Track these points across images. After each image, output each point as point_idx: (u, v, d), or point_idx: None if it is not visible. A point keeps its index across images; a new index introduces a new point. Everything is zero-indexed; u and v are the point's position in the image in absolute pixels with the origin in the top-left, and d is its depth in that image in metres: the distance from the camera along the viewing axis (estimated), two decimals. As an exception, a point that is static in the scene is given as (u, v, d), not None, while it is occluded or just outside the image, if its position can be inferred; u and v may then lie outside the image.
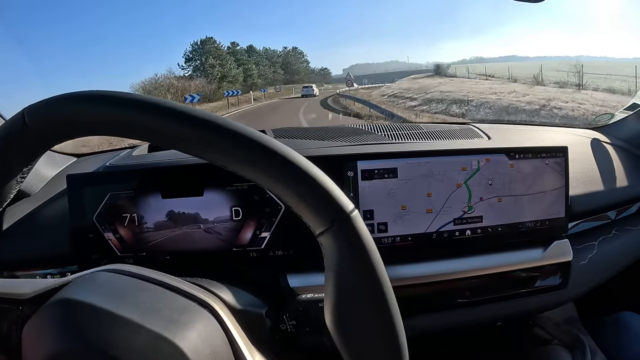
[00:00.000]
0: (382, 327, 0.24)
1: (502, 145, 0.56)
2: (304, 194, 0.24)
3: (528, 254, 0.60)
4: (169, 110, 0.24)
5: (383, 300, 0.24)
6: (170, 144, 0.25)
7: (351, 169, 0.51)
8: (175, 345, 0.24)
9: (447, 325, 0.59)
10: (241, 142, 0.24)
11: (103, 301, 0.25)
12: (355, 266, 0.24)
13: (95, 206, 0.52)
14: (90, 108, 0.25)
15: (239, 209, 0.50)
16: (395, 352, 0.25)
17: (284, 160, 0.24)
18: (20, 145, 0.26)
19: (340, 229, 0.24)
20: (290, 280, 0.50)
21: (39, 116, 0.25)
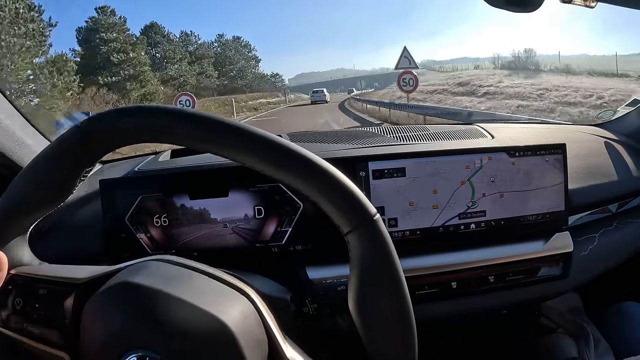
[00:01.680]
0: (397, 309, 0.29)
1: (503, 144, 0.60)
2: (337, 200, 0.29)
3: (530, 245, 0.63)
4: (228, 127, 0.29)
5: (398, 288, 0.29)
6: (229, 155, 0.30)
7: (363, 169, 0.55)
8: (222, 321, 0.28)
9: (453, 312, 0.63)
10: (292, 157, 0.29)
11: (158, 283, 0.29)
12: (377, 260, 0.29)
13: (127, 208, 0.57)
14: (158, 121, 0.30)
15: (261, 207, 0.55)
16: (407, 330, 0.29)
17: (322, 172, 0.29)
18: (88, 148, 0.31)
19: (365, 230, 0.29)
20: (309, 273, 0.55)
21: (105, 125, 0.30)
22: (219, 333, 0.28)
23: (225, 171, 0.56)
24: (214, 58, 25.86)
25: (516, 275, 0.63)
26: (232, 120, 0.30)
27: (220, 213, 0.55)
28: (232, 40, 27.81)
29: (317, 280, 0.55)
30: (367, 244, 0.29)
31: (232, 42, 27.73)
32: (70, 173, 0.32)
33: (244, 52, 28.19)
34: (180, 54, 22.87)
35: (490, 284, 0.62)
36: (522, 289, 0.64)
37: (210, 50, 25.77)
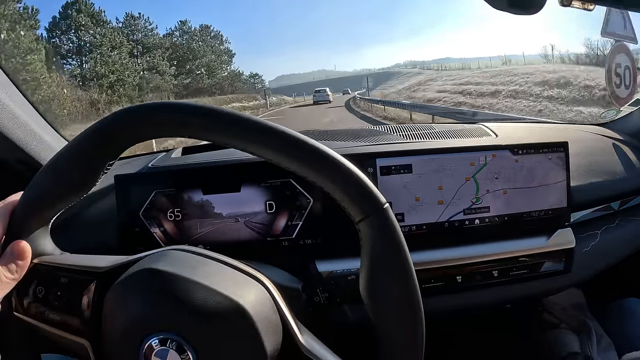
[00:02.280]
0: (406, 297, 0.31)
1: (507, 142, 0.62)
2: (349, 189, 0.31)
3: (533, 241, 0.65)
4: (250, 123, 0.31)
5: (408, 276, 0.31)
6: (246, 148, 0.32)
7: (371, 166, 0.57)
8: (240, 304, 0.29)
9: (458, 306, 0.64)
10: (305, 149, 0.31)
11: (178, 269, 0.30)
12: (387, 248, 0.31)
13: (141, 203, 0.59)
14: (173, 115, 0.31)
15: (272, 202, 0.57)
16: (416, 317, 0.31)
17: (334, 163, 0.31)
18: (112, 141, 0.32)
19: (376, 218, 0.30)
20: (318, 266, 0.57)
21: (131, 119, 0.32)
22: (238, 316, 0.29)
23: (238, 167, 0.58)
24: (171, 50, 19.68)
25: (520, 270, 0.64)
26: (245, 114, 0.32)
27: (232, 208, 0.57)
28: (199, 29, 21.49)
29: (326, 273, 0.56)
30: (378, 232, 0.30)
31: (199, 31, 21.38)
32: (92, 168, 0.33)
33: (213, 44, 21.91)
34: (113, 40, 16.45)
35: (494, 279, 0.63)
36: (525, 283, 0.65)
37: (166, 39, 19.21)
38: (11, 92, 0.55)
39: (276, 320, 0.31)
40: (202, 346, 0.28)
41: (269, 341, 0.29)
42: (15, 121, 0.55)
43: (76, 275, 0.31)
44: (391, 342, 0.31)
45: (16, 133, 0.55)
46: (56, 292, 0.31)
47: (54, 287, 0.31)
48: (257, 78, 27.28)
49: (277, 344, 0.30)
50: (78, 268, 0.32)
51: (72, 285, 0.31)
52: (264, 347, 0.29)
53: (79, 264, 0.32)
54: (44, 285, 0.31)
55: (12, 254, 0.30)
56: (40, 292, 0.31)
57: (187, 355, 0.28)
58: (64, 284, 0.31)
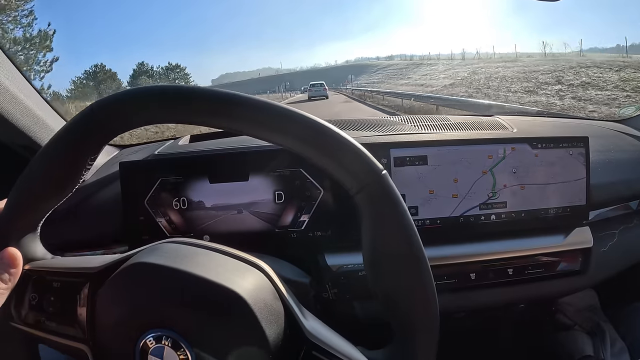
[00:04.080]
0: (415, 266, 0.28)
1: (526, 135, 0.59)
2: (342, 160, 0.28)
3: (550, 239, 0.62)
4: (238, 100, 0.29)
5: (414, 245, 0.28)
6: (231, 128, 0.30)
7: (385, 156, 0.55)
8: (234, 292, 0.27)
9: (471, 305, 0.62)
10: (293, 120, 0.29)
11: (169, 262, 0.29)
12: (389, 216, 0.28)
13: (146, 191, 0.57)
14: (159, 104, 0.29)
15: (281, 192, 0.55)
16: (427, 287, 0.29)
17: (324, 133, 0.29)
18: (89, 135, 0.30)
19: (374, 187, 0.28)
20: (328, 259, 0.55)
21: (106, 110, 0.29)
22: (232, 304, 0.27)
23: (246, 155, 0.55)
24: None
25: (535, 269, 0.62)
26: (230, 91, 0.30)
27: (239, 197, 0.55)
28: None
29: (336, 267, 0.54)
30: (377, 201, 0.28)
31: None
32: (72, 167, 0.31)
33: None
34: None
35: (509, 277, 0.61)
36: (540, 283, 0.63)
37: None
38: (13, 75, 0.53)
39: (277, 307, 0.29)
40: (198, 340, 0.27)
41: (270, 328, 0.27)
42: (18, 106, 0.53)
43: (68, 278, 0.30)
44: (403, 322, 0.29)
45: (19, 118, 0.53)
46: (49, 297, 0.30)
47: (47, 293, 0.30)
48: (179, 71, 28.84)
49: (279, 331, 0.28)
50: (70, 271, 0.30)
51: (65, 290, 0.30)
52: (265, 335, 0.27)
53: (71, 266, 0.31)
54: (37, 292, 0.30)
55: (3, 262, 0.29)
56: (34, 299, 0.30)
57: (184, 351, 0.26)
58: (56, 288, 0.30)
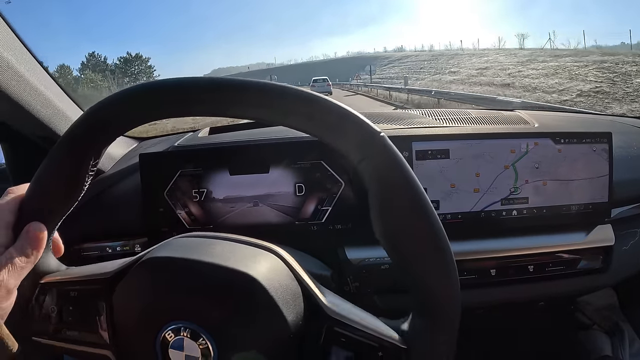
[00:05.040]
0: (429, 230, 0.27)
1: (548, 129, 0.58)
2: (340, 129, 0.28)
3: (571, 236, 0.61)
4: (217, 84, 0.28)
5: (425, 208, 0.27)
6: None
7: (406, 149, 0.54)
8: (248, 274, 0.27)
9: (491, 301, 0.61)
10: (285, 96, 0.28)
11: (179, 253, 0.28)
12: (395, 180, 0.27)
13: (166, 183, 0.57)
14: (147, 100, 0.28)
15: (302, 185, 0.54)
16: (444, 252, 0.28)
17: (318, 103, 0.27)
18: (87, 141, 0.29)
19: (377, 153, 0.27)
20: (348, 253, 0.54)
21: (100, 113, 0.29)
22: (249, 288, 0.26)
23: (266, 147, 0.55)
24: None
25: (556, 267, 0.61)
26: (217, 77, 0.29)
27: (260, 189, 0.55)
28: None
29: (356, 261, 0.54)
30: (381, 166, 0.27)
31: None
32: (74, 179, 0.30)
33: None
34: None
35: (529, 274, 0.60)
36: (561, 280, 0.62)
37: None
38: (33, 67, 0.53)
39: (294, 288, 0.29)
40: (216, 327, 0.26)
41: (288, 309, 0.27)
42: (39, 97, 0.53)
43: (85, 286, 0.30)
44: (422, 290, 0.28)
45: (39, 110, 0.54)
46: (68, 307, 0.30)
47: (66, 303, 0.30)
48: (140, 64, 26.74)
49: (299, 312, 0.28)
50: (85, 279, 0.30)
51: (83, 298, 0.30)
52: (284, 316, 0.27)
53: (86, 274, 0.31)
54: (55, 304, 0.30)
55: (29, 235, 0.28)
56: (53, 311, 0.30)
57: (203, 340, 0.26)
58: (74, 297, 0.30)
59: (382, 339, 0.28)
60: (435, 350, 0.28)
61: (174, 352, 0.26)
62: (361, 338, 0.28)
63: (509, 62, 13.78)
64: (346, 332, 0.28)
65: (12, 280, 0.27)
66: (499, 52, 17.69)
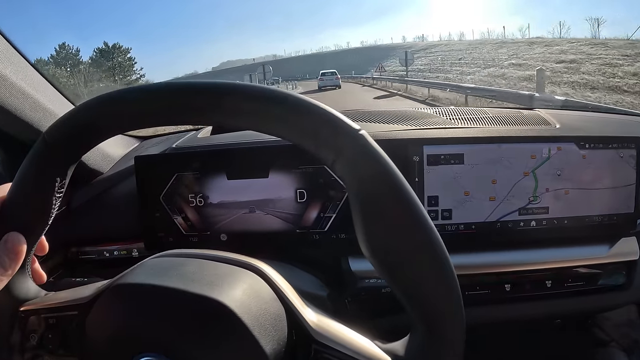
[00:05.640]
0: (421, 234, 0.23)
1: (572, 133, 0.54)
2: (314, 131, 0.24)
3: (593, 249, 0.57)
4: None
5: (415, 210, 0.23)
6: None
7: (417, 154, 0.50)
8: (220, 302, 0.24)
9: (504, 318, 0.57)
10: (240, 96, 0.24)
11: (148, 279, 0.26)
12: (375, 177, 0.23)
13: (162, 186, 0.54)
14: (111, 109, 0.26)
15: (303, 191, 0.51)
16: (441, 262, 0.23)
17: (292, 105, 0.24)
18: (48, 163, 0.27)
19: (352, 150, 0.23)
20: (351, 264, 0.51)
21: (58, 133, 0.27)
22: (216, 314, 0.24)
23: (267, 150, 0.52)
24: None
25: (575, 282, 0.57)
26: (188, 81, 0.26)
27: (259, 195, 0.52)
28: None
29: (360, 273, 0.51)
30: (359, 164, 0.23)
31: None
32: (44, 190, 0.28)
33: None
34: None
35: (546, 290, 0.56)
36: (580, 297, 0.58)
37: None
38: (21, 68, 0.50)
39: (275, 310, 0.26)
40: (186, 359, 0.24)
41: (266, 337, 0.24)
42: (27, 101, 0.50)
43: (62, 312, 0.29)
44: (419, 309, 0.24)
45: (28, 114, 0.51)
46: (48, 335, 0.29)
47: (45, 330, 0.29)
48: (119, 55, 24.59)
49: (280, 338, 0.25)
50: (63, 305, 0.29)
51: (60, 324, 0.29)
52: (260, 345, 0.24)
53: (64, 300, 0.30)
54: (35, 332, 0.29)
55: (6, 246, 0.27)
56: (34, 339, 0.29)
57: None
58: (53, 324, 0.29)
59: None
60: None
61: None
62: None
63: (608, 55, 10.77)
64: (334, 359, 0.25)
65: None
66: (583, 42, 13.76)
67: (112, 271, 0.58)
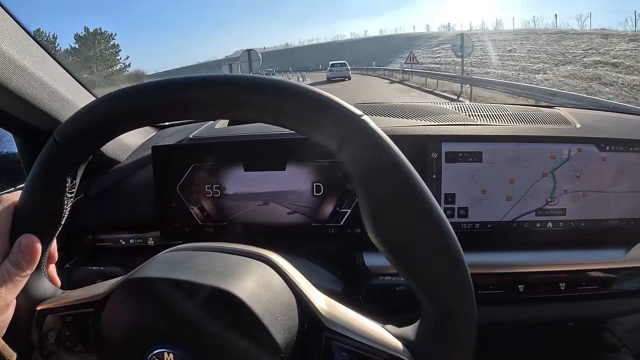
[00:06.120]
0: (429, 221, 0.23)
1: (593, 134, 0.53)
2: (317, 120, 0.24)
3: (609, 253, 0.56)
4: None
5: (418, 190, 0.23)
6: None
7: (435, 150, 0.50)
8: (230, 293, 0.24)
9: (516, 319, 0.57)
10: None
11: (158, 272, 0.27)
12: (378, 161, 0.23)
13: (178, 177, 0.55)
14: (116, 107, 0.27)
15: (320, 184, 0.51)
16: (450, 247, 0.23)
17: (296, 95, 0.24)
18: (58, 163, 0.28)
19: (356, 136, 0.23)
20: (366, 259, 0.51)
21: (67, 131, 0.27)
22: (229, 307, 0.24)
23: (284, 143, 0.52)
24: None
25: (590, 286, 0.56)
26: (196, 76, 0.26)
27: (275, 187, 0.52)
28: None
29: (374, 269, 0.51)
30: (362, 151, 0.23)
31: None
32: (55, 192, 0.29)
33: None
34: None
35: (560, 292, 0.55)
36: (594, 301, 0.58)
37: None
38: (39, 59, 0.51)
39: (286, 298, 0.26)
40: (197, 349, 0.24)
41: (277, 325, 0.25)
42: (45, 91, 0.51)
43: (79, 309, 0.30)
44: (429, 292, 0.24)
45: (46, 103, 0.51)
46: (65, 332, 0.30)
47: (63, 328, 0.30)
48: (103, 41, 21.59)
49: (290, 328, 0.25)
50: (79, 302, 0.30)
51: (78, 321, 0.30)
52: (270, 334, 0.24)
53: (80, 297, 0.30)
54: (53, 330, 0.30)
55: (21, 249, 0.28)
56: (52, 337, 0.30)
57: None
58: (70, 322, 0.30)
59: (388, 353, 0.25)
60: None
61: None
62: (364, 352, 0.25)
63: None
64: (347, 346, 0.25)
65: (9, 295, 0.27)
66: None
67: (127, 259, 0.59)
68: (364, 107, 0.64)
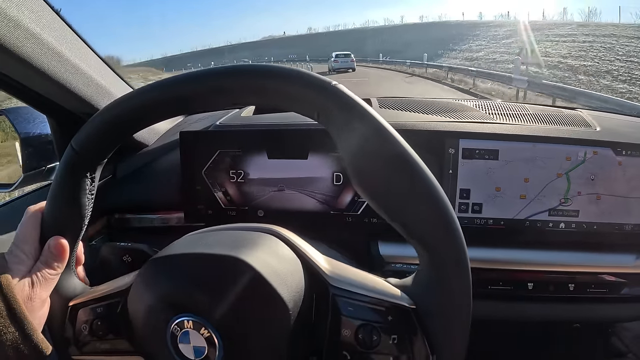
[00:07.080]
0: (405, 165, 0.25)
1: (610, 138, 0.54)
2: (296, 93, 0.26)
3: (620, 258, 0.57)
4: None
5: (391, 139, 0.25)
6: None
7: (453, 146, 0.52)
8: (242, 260, 0.27)
9: (524, 316, 0.58)
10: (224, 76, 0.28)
11: (171, 251, 0.30)
12: (358, 121, 0.25)
13: (204, 161, 0.58)
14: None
15: (340, 174, 0.53)
16: (439, 205, 0.25)
17: (270, 74, 0.27)
18: (77, 170, 0.31)
19: (332, 103, 0.26)
20: (381, 248, 0.53)
21: (83, 139, 0.30)
22: (240, 272, 0.27)
23: (307, 132, 0.54)
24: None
25: (599, 289, 0.57)
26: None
27: (297, 175, 0.54)
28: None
29: (388, 258, 0.52)
30: (342, 113, 0.26)
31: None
32: (77, 194, 0.32)
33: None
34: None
35: (569, 292, 0.56)
36: (602, 304, 0.58)
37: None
38: (75, 46, 0.54)
39: (292, 263, 0.29)
40: (213, 314, 0.27)
41: (284, 287, 0.27)
42: (81, 76, 0.54)
43: (108, 300, 0.32)
44: (425, 248, 0.26)
45: (81, 88, 0.54)
46: (97, 322, 0.32)
47: (95, 319, 0.32)
48: None
49: (297, 288, 0.28)
50: (108, 294, 0.32)
51: (107, 312, 0.32)
52: (277, 293, 0.26)
53: (109, 289, 0.33)
54: (85, 322, 0.32)
55: (50, 251, 0.31)
56: (85, 329, 0.32)
57: (206, 329, 0.26)
58: (101, 313, 0.32)
59: (389, 302, 0.27)
60: (446, 306, 0.26)
61: (183, 346, 0.27)
62: (368, 304, 0.27)
63: None
64: (352, 301, 0.27)
65: (44, 292, 0.30)
66: None
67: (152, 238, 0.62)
68: (385, 101, 0.65)
